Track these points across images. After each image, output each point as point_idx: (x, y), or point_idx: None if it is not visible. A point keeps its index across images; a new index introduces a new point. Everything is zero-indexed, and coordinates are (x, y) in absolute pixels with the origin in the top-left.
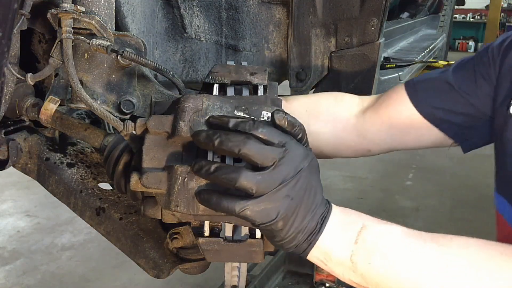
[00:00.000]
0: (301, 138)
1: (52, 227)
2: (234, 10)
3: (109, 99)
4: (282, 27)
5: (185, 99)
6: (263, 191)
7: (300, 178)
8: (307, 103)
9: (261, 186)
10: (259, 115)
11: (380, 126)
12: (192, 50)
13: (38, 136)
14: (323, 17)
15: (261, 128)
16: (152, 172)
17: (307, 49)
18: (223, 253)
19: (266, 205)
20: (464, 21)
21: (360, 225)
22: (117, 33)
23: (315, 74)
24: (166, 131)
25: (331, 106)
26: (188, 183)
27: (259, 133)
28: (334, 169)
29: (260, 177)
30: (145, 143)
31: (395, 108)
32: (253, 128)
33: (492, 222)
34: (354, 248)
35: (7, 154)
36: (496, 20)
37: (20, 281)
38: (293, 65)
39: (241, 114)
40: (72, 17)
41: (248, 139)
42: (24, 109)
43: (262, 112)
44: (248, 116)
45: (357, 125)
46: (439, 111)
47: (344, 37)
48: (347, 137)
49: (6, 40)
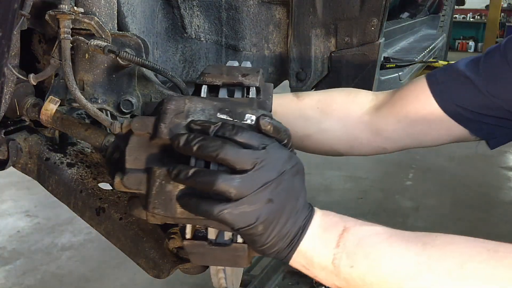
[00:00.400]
0: (286, 143)
1: (52, 227)
2: (234, 10)
3: (110, 99)
4: (282, 27)
5: (168, 101)
6: (242, 194)
7: (282, 181)
8: (319, 100)
9: (240, 189)
10: (242, 118)
11: (397, 123)
12: (192, 50)
13: (38, 136)
14: (323, 17)
15: (240, 132)
16: (134, 173)
17: (307, 49)
18: (207, 257)
19: (245, 209)
20: (464, 21)
21: (341, 228)
22: (116, 33)
23: (315, 74)
24: (148, 132)
25: (343, 103)
26: (166, 185)
27: (238, 137)
28: (334, 169)
29: (239, 180)
30: (129, 144)
31: (415, 105)
32: (232, 132)
33: (492, 222)
34: (336, 251)
35: (7, 154)
36: (496, 20)
37: (20, 281)
38: (293, 65)
39: (224, 117)
40: (70, 18)
41: (225, 144)
42: (24, 109)
43: (246, 115)
44: (231, 119)
45: (371, 122)
46: (467, 112)
47: (344, 37)
48: (360, 134)
49: (6, 40)
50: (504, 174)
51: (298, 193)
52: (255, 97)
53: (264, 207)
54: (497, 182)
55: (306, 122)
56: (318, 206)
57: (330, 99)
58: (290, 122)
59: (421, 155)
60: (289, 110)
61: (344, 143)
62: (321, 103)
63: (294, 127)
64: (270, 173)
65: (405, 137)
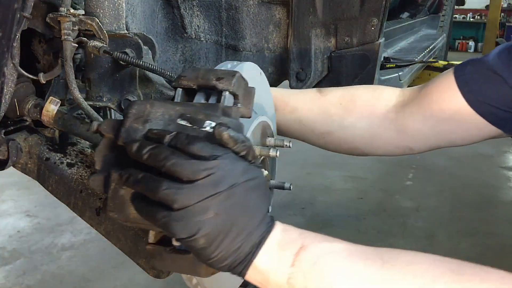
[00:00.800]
0: (245, 155)
1: (52, 227)
2: (234, 10)
3: (114, 98)
4: (282, 27)
5: (131, 105)
6: (184, 204)
7: (233, 194)
8: (342, 96)
9: (182, 199)
10: (202, 125)
11: (423, 121)
12: (192, 50)
13: (38, 136)
14: (323, 17)
15: (192, 143)
16: (98, 175)
17: (307, 49)
18: (168, 263)
19: (187, 219)
20: (464, 21)
21: (298, 246)
22: (117, 34)
23: (315, 74)
24: (114, 135)
25: (368, 99)
26: (119, 189)
27: (189, 147)
28: (334, 169)
29: (182, 189)
30: (99, 145)
31: (442, 102)
32: (184, 142)
33: (492, 222)
34: (291, 271)
35: (7, 154)
36: (496, 20)
37: (20, 281)
38: (293, 65)
39: (184, 123)
40: (70, 20)
41: (173, 155)
42: (26, 109)
43: (206, 122)
44: (190, 125)
45: (397, 120)
46: (498, 110)
47: (344, 37)
48: (385, 133)
49: (6, 40)
50: (504, 174)
51: (254, 209)
52: (232, 101)
53: (208, 219)
54: (497, 182)
55: (328, 119)
56: (318, 206)
57: (355, 95)
58: (312, 118)
59: (421, 155)
60: (311, 106)
61: (367, 142)
62: (344, 99)
63: (316, 124)
64: (217, 185)
65: (432, 136)
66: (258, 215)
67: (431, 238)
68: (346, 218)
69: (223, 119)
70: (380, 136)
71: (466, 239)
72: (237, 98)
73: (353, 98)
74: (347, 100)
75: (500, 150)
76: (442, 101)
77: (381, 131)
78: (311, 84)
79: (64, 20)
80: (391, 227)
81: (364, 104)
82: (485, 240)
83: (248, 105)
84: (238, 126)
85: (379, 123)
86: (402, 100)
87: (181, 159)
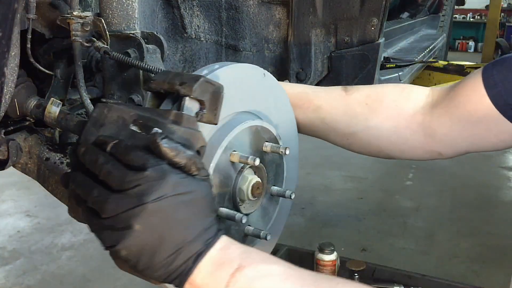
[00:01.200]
0: (182, 167)
1: (52, 227)
2: (234, 10)
3: (123, 96)
4: (282, 27)
5: (94, 108)
6: (110, 213)
7: (159, 207)
8: (368, 95)
9: (108, 208)
10: (149, 132)
11: (451, 125)
12: (192, 50)
13: (38, 136)
14: (323, 17)
15: (127, 152)
16: (64, 175)
17: (307, 49)
18: (121, 266)
19: (109, 229)
20: (464, 21)
21: (235, 266)
22: (122, 34)
23: (315, 74)
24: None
25: (395, 100)
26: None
27: (124, 156)
28: (334, 169)
29: (110, 198)
30: (72, 146)
31: (469, 105)
32: (120, 151)
33: (492, 222)
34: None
35: (7, 154)
36: (496, 20)
37: (20, 281)
38: (293, 65)
39: (135, 128)
40: (78, 22)
41: (107, 163)
42: (28, 110)
43: (154, 129)
44: (139, 131)
45: (424, 123)
46: None
47: (344, 37)
48: (412, 136)
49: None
50: (504, 174)
51: (187, 224)
52: (197, 107)
53: (129, 231)
54: (497, 182)
55: (353, 119)
56: (318, 206)
57: (381, 94)
58: (336, 118)
59: None
60: (335, 105)
61: (393, 145)
62: (370, 98)
63: (339, 124)
64: (142, 196)
65: (461, 141)
66: (191, 230)
67: (431, 238)
68: (346, 218)
69: (171, 126)
70: (406, 139)
71: (466, 239)
72: (202, 104)
73: (379, 98)
74: (373, 100)
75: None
76: (469, 104)
77: (408, 133)
78: (311, 84)
79: (72, 22)
80: (391, 227)
81: (391, 105)
82: (485, 240)
83: (214, 111)
84: (188, 134)
85: (406, 125)
86: (431, 101)
87: (114, 167)
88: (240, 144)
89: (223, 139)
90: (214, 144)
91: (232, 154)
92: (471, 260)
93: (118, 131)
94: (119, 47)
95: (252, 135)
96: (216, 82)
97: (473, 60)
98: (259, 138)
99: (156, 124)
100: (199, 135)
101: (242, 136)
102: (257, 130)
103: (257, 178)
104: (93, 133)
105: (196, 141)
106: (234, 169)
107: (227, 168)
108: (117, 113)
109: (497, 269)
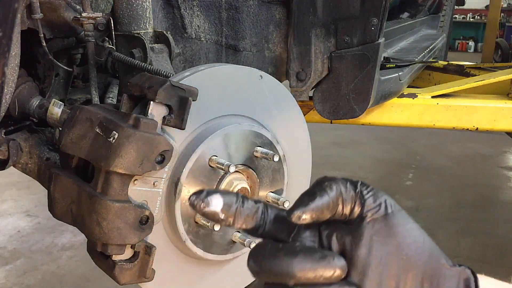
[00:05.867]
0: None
1: (52, 227)
2: (234, 10)
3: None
4: (282, 27)
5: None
6: None
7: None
8: None
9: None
10: (108, 135)
11: None
12: (192, 50)
13: (38, 136)
14: (323, 17)
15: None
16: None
17: (307, 49)
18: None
19: None
20: (464, 21)
21: None
22: (128, 34)
23: (315, 74)
24: None
25: None
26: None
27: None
28: (334, 169)
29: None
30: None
31: None
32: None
33: (492, 222)
34: None
35: (8, 154)
36: (496, 20)
37: (20, 281)
38: (293, 65)
39: (99, 131)
40: (91, 22)
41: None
42: (31, 110)
43: (112, 132)
44: (102, 134)
45: None
46: None
47: (344, 37)
48: None
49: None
50: (504, 174)
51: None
52: (164, 111)
53: None
54: (497, 182)
55: None
56: None
57: None
58: None
59: (421, 155)
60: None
61: None
62: None
63: None
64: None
65: None
66: None
67: (431, 238)
68: None
69: (128, 130)
70: None
71: (466, 239)
72: (170, 108)
73: None
74: None
75: (500, 150)
76: None
77: None
78: (311, 84)
79: (85, 22)
80: None
81: None
82: (485, 240)
83: (181, 116)
84: (144, 139)
85: None
86: None
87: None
88: (226, 148)
89: (199, 145)
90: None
91: (211, 159)
92: (471, 260)
93: (85, 132)
94: (127, 46)
95: (240, 139)
96: (188, 87)
97: (473, 60)
98: (249, 143)
99: (115, 128)
100: (160, 139)
101: (228, 141)
102: (250, 133)
103: (245, 183)
104: (65, 132)
105: (156, 145)
106: (216, 174)
107: (208, 173)
108: (86, 115)
109: (497, 269)
